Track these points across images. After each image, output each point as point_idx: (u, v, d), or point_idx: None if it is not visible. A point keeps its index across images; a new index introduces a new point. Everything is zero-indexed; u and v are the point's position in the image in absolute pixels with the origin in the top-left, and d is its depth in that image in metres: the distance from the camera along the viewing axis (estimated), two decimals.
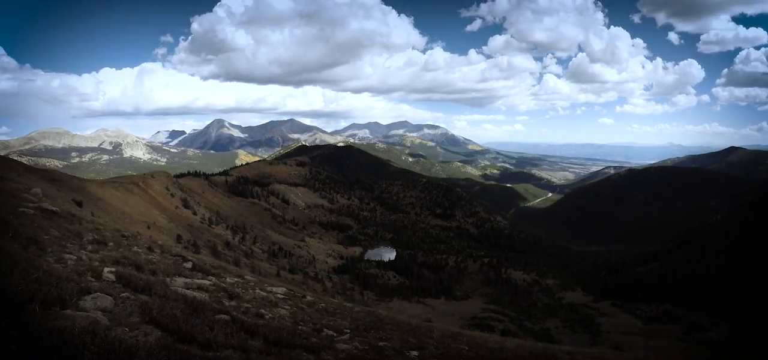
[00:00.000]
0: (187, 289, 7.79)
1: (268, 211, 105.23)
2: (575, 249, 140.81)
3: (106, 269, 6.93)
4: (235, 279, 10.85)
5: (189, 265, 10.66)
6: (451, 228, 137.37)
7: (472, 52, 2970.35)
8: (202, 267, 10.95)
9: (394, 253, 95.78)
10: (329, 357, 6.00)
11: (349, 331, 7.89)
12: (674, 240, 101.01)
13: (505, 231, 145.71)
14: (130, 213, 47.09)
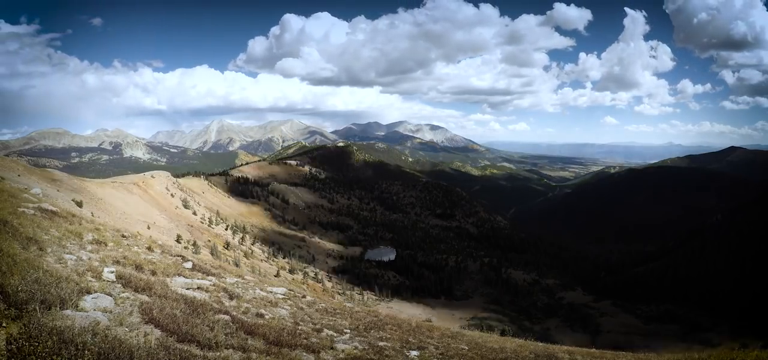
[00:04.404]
0: (187, 289, 7.80)
1: (268, 211, 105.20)
2: (575, 249, 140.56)
3: (106, 269, 6.93)
4: (235, 279, 10.84)
5: (189, 265, 10.65)
6: (451, 228, 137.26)
7: (554, 66, 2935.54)
8: (202, 267, 10.94)
9: (394, 253, 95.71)
10: (329, 357, 6.00)
11: (349, 331, 7.89)
12: (674, 240, 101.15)
13: (505, 231, 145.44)
14: (130, 213, 47.11)
